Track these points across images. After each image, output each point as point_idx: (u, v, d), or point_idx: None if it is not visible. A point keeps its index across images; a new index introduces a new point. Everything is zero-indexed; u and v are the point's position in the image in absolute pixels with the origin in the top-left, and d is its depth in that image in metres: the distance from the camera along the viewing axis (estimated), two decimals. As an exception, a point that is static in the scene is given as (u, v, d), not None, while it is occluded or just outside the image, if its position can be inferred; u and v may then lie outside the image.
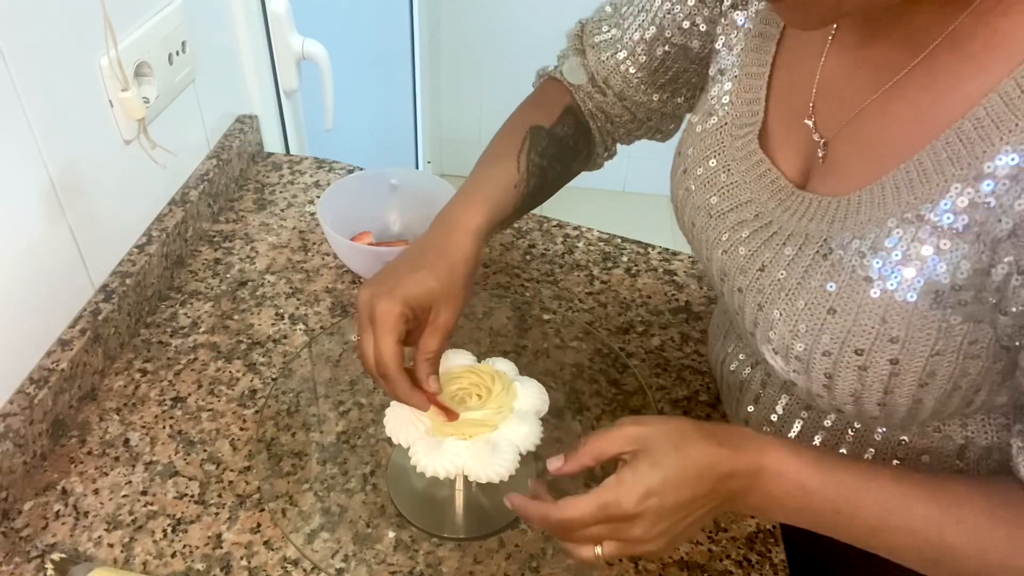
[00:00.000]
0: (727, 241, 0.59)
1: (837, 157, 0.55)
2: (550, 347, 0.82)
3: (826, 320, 0.51)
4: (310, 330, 0.85)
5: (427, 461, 0.60)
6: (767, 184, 0.58)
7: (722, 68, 0.63)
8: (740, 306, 0.59)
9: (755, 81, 0.60)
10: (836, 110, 0.55)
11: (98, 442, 0.73)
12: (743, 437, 0.50)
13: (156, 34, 0.83)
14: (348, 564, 0.64)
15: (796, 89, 0.58)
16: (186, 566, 0.64)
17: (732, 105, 0.61)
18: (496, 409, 0.62)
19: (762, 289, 0.56)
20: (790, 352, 0.54)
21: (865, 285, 0.49)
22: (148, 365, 0.81)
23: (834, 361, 0.51)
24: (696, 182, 0.63)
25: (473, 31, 2.49)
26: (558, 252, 0.97)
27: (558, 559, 0.65)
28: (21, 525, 0.66)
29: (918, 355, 0.49)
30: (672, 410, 0.78)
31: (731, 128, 0.61)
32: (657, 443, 0.49)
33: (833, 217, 0.52)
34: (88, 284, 0.79)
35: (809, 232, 0.53)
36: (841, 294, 0.50)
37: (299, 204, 1.03)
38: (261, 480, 0.69)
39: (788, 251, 0.54)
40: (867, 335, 0.50)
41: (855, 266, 0.50)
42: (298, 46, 1.13)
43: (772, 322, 0.55)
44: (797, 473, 0.49)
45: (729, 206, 0.60)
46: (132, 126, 0.81)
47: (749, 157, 0.59)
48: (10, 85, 0.64)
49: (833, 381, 0.52)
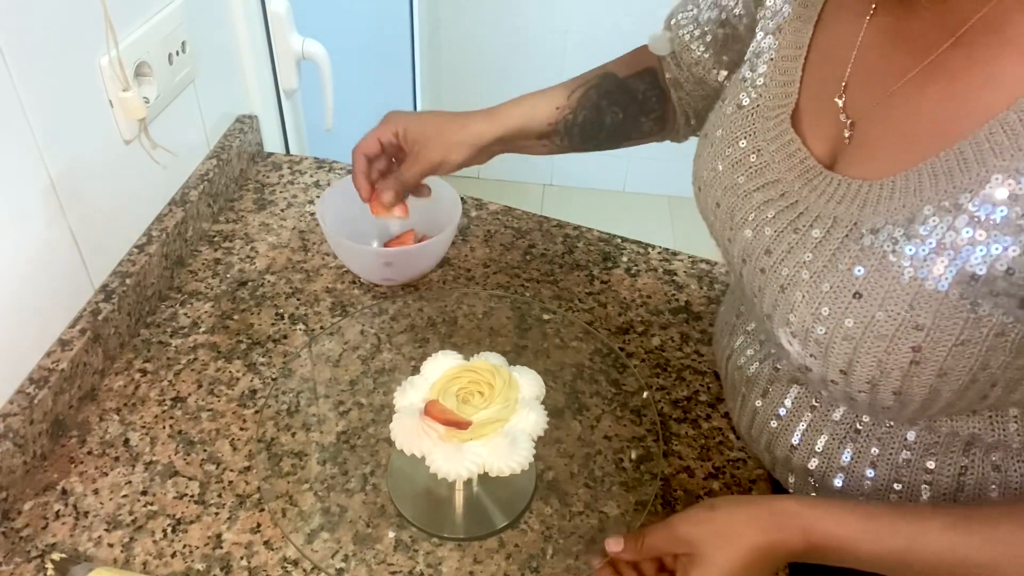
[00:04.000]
0: (753, 220, 0.59)
1: (867, 139, 0.54)
2: (550, 347, 0.82)
3: (851, 304, 0.51)
4: (310, 330, 0.85)
5: (448, 467, 0.60)
6: (796, 164, 0.58)
7: (758, 51, 0.64)
8: (760, 287, 0.59)
9: (791, 64, 0.61)
10: (868, 91, 0.55)
11: (98, 442, 0.73)
12: (787, 517, 0.53)
13: (156, 34, 0.83)
14: (348, 564, 0.64)
15: (830, 69, 0.58)
16: (186, 566, 0.64)
17: (766, 87, 0.62)
18: (503, 403, 0.63)
19: (786, 270, 0.56)
20: (810, 336, 0.54)
21: (896, 271, 0.49)
22: (148, 365, 0.81)
23: (855, 346, 0.52)
24: (725, 162, 0.63)
25: (473, 31, 2.49)
26: (558, 252, 0.97)
27: (558, 559, 0.65)
28: (21, 525, 0.66)
29: (942, 344, 0.49)
30: (672, 410, 0.78)
31: (763, 110, 0.61)
32: (707, 547, 0.53)
33: (864, 201, 0.52)
34: (88, 284, 0.79)
35: (838, 215, 0.53)
36: (869, 278, 0.50)
37: (299, 204, 1.03)
38: (261, 480, 0.69)
39: (816, 233, 0.54)
40: (892, 321, 0.50)
41: (886, 251, 0.50)
42: (298, 46, 1.13)
43: (793, 304, 0.55)
44: (845, 544, 0.52)
45: (755, 185, 0.60)
46: (132, 126, 0.81)
47: (780, 137, 0.59)
48: (10, 85, 0.64)
49: (852, 367, 0.52)
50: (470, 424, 0.61)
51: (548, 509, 0.68)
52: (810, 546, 0.52)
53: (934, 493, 0.59)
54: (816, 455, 0.62)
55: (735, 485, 0.71)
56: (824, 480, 0.63)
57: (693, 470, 0.73)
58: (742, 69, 0.65)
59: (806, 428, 0.63)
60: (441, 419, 0.61)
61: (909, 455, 0.59)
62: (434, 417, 0.61)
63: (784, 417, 0.64)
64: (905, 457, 0.59)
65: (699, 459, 0.74)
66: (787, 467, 0.66)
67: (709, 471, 0.73)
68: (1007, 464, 0.57)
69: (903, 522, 0.51)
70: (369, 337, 0.83)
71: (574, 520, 0.67)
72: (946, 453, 0.58)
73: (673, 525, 0.55)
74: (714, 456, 0.74)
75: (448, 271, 0.93)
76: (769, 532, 0.53)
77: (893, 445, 0.59)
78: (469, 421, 0.61)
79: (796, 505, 0.53)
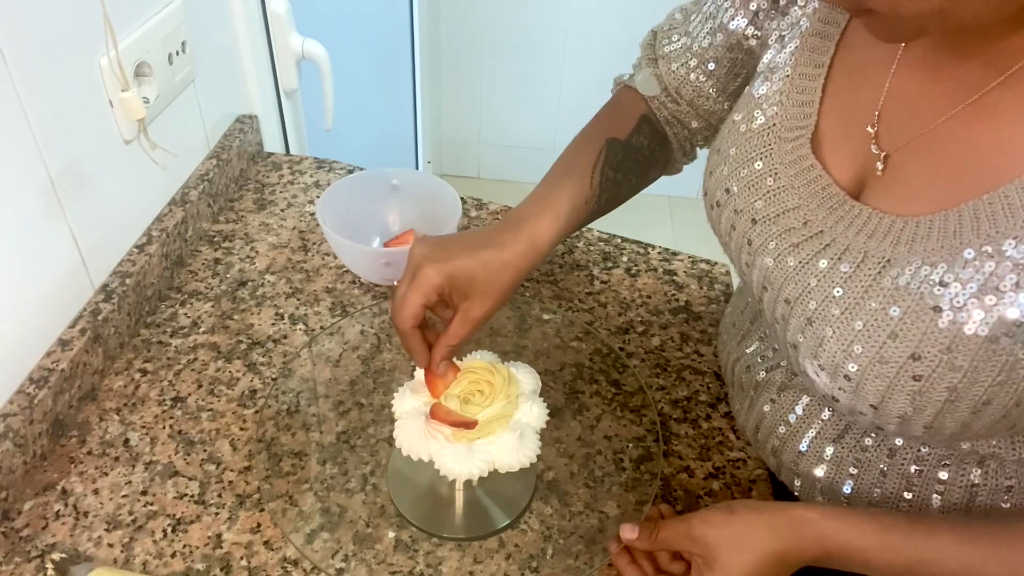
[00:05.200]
0: (774, 249, 0.57)
1: (903, 174, 0.52)
2: (550, 347, 0.82)
3: (885, 344, 0.50)
4: (310, 330, 0.85)
5: (459, 467, 0.60)
6: (817, 191, 0.56)
7: (772, 65, 0.61)
8: (784, 317, 0.57)
9: (810, 83, 0.58)
10: (905, 123, 0.53)
11: (98, 442, 0.73)
12: (805, 526, 0.53)
13: (156, 34, 0.83)
14: (348, 564, 0.64)
15: (859, 95, 0.55)
16: (186, 566, 0.64)
17: (782, 106, 0.59)
18: (506, 399, 0.63)
19: (814, 304, 0.54)
20: (839, 371, 0.52)
21: (933, 314, 0.48)
22: (148, 365, 0.81)
23: (888, 385, 0.50)
24: (739, 184, 0.60)
25: (473, 31, 2.49)
26: (558, 252, 0.97)
27: (558, 559, 0.65)
28: (21, 525, 0.66)
29: (978, 384, 0.48)
30: (672, 410, 0.78)
31: (780, 130, 0.59)
32: (723, 551, 0.54)
33: (898, 238, 0.50)
34: (88, 284, 0.79)
35: (868, 250, 0.52)
36: (905, 320, 0.49)
37: (299, 204, 1.03)
38: (261, 480, 0.69)
39: (844, 268, 0.53)
40: (929, 363, 0.48)
41: (924, 293, 0.48)
42: (298, 46, 1.13)
43: (823, 340, 0.53)
44: (861, 555, 0.52)
45: (776, 211, 0.58)
46: (132, 126, 0.81)
47: (800, 162, 0.57)
48: (10, 85, 0.64)
49: (883, 403, 0.51)
50: (476, 423, 0.61)
51: (548, 509, 0.68)
52: (825, 555, 0.53)
53: (945, 503, 0.58)
54: (824, 462, 0.62)
55: (735, 485, 0.71)
56: (832, 487, 0.62)
57: (693, 470, 0.73)
58: (755, 83, 0.63)
59: (815, 436, 0.62)
60: (448, 421, 0.61)
61: (921, 467, 0.58)
62: (441, 420, 0.61)
63: (794, 424, 0.63)
64: (917, 468, 0.59)
65: (699, 459, 0.74)
66: (793, 472, 0.65)
67: (709, 471, 0.73)
68: (1021, 476, 0.56)
69: (918, 536, 0.52)
70: (369, 337, 0.83)
71: (574, 520, 0.68)
72: (959, 467, 0.57)
73: (691, 523, 0.55)
74: (714, 456, 0.74)
75: (448, 271, 0.93)
76: (786, 540, 0.53)
77: (905, 456, 0.59)
78: (475, 420, 0.61)
79: (815, 515, 0.53)
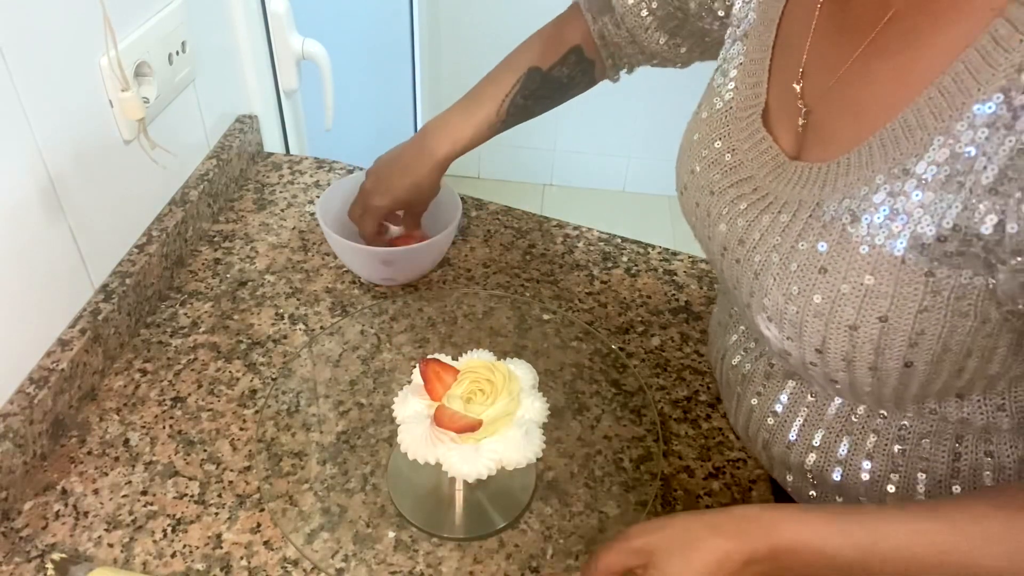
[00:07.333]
0: (727, 215, 0.61)
1: (822, 123, 0.56)
2: (550, 347, 0.82)
3: (817, 279, 0.52)
4: (310, 330, 0.85)
5: (468, 468, 0.60)
6: (768, 160, 0.59)
7: (728, 58, 0.66)
8: (737, 278, 0.60)
9: (758, 66, 0.62)
10: (822, 77, 0.57)
11: (98, 442, 0.73)
12: (748, 521, 0.51)
13: (156, 34, 0.83)
14: (348, 564, 0.64)
15: (790, 63, 0.60)
16: (186, 566, 0.64)
17: (737, 90, 0.63)
18: (508, 397, 0.63)
19: (759, 257, 0.57)
20: (784, 317, 0.55)
21: (855, 242, 0.51)
22: (148, 365, 0.81)
23: (825, 322, 0.53)
24: (701, 163, 0.65)
25: (473, 31, 2.49)
26: (558, 252, 0.97)
27: (558, 559, 0.65)
28: (21, 525, 0.66)
29: (907, 311, 0.50)
30: (672, 410, 0.78)
31: (736, 111, 0.63)
32: (665, 553, 0.51)
33: (824, 181, 0.54)
34: (88, 284, 0.79)
35: (803, 198, 0.55)
36: (832, 252, 0.52)
37: (299, 204, 1.03)
38: (261, 480, 0.69)
39: (783, 218, 0.56)
40: (856, 292, 0.51)
41: (844, 224, 0.51)
42: (298, 46, 1.13)
43: (767, 288, 0.56)
44: (812, 543, 0.50)
45: (730, 182, 0.61)
46: (132, 126, 0.81)
47: (752, 136, 0.61)
48: (10, 85, 0.64)
49: (825, 344, 0.54)
50: (481, 423, 0.61)
51: (548, 509, 0.68)
52: (776, 549, 0.51)
53: (930, 481, 0.59)
54: (813, 450, 0.63)
55: (735, 485, 0.71)
56: (822, 475, 0.63)
57: (693, 470, 0.73)
58: (714, 77, 0.68)
59: (803, 423, 0.63)
60: (453, 427, 0.61)
61: (904, 446, 0.60)
62: (445, 424, 0.61)
63: (780, 414, 0.64)
64: (900, 447, 0.60)
65: (699, 459, 0.74)
66: (785, 465, 0.66)
67: (709, 471, 0.73)
68: (999, 449, 0.58)
69: (869, 516, 0.51)
70: (369, 337, 0.83)
71: (574, 520, 0.68)
72: (939, 440, 0.59)
73: (628, 536, 0.53)
74: (714, 456, 0.74)
75: (448, 271, 0.93)
76: (730, 536, 0.51)
77: (888, 435, 0.60)
78: (480, 421, 0.61)
79: (758, 509, 0.52)
